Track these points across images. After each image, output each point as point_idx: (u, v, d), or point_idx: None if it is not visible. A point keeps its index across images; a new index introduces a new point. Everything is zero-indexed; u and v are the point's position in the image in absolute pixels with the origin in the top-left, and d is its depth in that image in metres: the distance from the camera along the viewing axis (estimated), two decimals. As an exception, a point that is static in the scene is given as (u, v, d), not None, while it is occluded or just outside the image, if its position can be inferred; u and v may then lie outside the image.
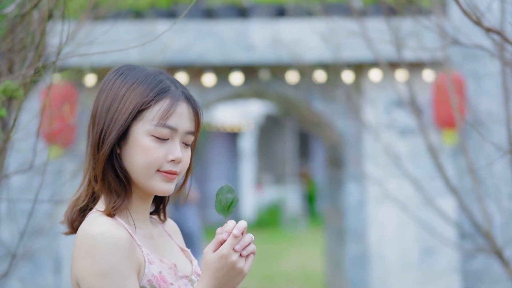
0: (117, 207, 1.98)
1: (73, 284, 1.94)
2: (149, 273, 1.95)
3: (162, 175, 2.00)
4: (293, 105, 8.53)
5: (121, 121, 1.98)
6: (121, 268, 1.88)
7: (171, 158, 2.00)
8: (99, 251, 1.87)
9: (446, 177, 5.10)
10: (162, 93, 2.00)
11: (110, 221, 1.95)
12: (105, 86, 2.04)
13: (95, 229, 1.90)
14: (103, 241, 1.88)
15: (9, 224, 5.66)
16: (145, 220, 2.07)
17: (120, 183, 2.00)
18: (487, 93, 7.52)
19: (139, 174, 1.99)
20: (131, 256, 1.91)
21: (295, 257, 13.93)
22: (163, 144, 1.99)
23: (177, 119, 2.00)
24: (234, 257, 1.91)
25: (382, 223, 7.64)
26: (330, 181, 9.40)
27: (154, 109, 1.99)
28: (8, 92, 2.83)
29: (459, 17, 6.71)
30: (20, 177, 6.90)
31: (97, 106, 2.03)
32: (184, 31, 7.46)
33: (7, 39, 3.21)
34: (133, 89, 2.00)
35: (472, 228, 6.91)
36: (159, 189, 2.01)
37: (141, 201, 2.06)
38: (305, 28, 7.49)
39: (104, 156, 1.98)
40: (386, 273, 7.61)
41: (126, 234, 1.93)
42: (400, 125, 7.65)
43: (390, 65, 6.71)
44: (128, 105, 1.99)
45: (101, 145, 1.99)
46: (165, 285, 1.96)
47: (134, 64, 2.08)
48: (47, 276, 7.52)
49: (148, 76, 2.02)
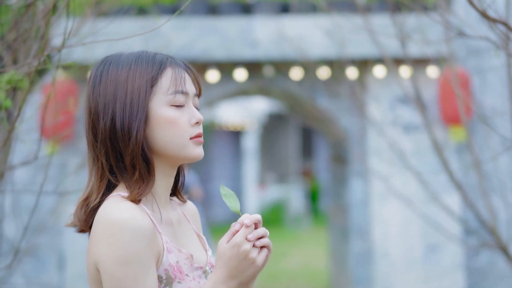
0: (142, 193, 1.95)
1: (90, 265, 1.91)
2: (167, 262, 1.92)
3: (194, 141, 2.00)
4: (297, 101, 8.52)
5: (140, 101, 1.96)
6: (143, 257, 1.85)
7: (195, 121, 2.00)
8: (122, 238, 1.84)
9: (450, 171, 5.09)
10: (162, 65, 2.00)
11: (133, 206, 1.90)
12: (96, 80, 2.00)
13: (119, 215, 1.86)
14: (126, 228, 1.84)
15: (13, 219, 5.65)
16: (166, 204, 2.04)
17: (148, 168, 1.97)
18: (492, 88, 7.51)
19: (174, 147, 1.98)
20: (152, 245, 1.88)
21: (298, 256, 13.92)
22: (182, 111, 1.99)
23: (187, 83, 2.02)
24: (247, 246, 1.88)
25: (386, 220, 7.62)
26: (334, 178, 9.39)
27: (163, 81, 1.98)
28: (12, 82, 2.82)
29: (463, 12, 6.70)
30: (23, 172, 6.90)
31: (96, 101, 1.98)
32: (187, 28, 7.45)
33: (12, 30, 3.20)
34: (133, 70, 1.98)
35: (477, 224, 6.90)
36: (195, 154, 2.01)
37: (164, 182, 2.03)
38: (309, 24, 7.48)
39: (138, 143, 1.95)
40: (391, 270, 7.60)
41: (149, 221, 1.89)
42: (404, 122, 7.63)
43: (394, 61, 6.70)
44: (138, 85, 1.97)
45: (122, 132, 1.96)
46: (181, 276, 1.94)
47: (115, 53, 2.05)
48: (50, 272, 7.51)
49: (139, 56, 2.01)
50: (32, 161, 3.24)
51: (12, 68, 2.87)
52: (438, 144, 5.24)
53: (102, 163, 1.98)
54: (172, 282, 1.93)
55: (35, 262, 7.48)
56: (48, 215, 6.82)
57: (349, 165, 8.02)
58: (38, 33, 3.23)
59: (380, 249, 7.62)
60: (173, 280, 1.93)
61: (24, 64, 2.87)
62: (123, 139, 1.96)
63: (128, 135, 1.96)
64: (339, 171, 8.83)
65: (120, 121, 1.96)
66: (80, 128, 7.36)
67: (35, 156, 3.15)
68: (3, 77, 2.81)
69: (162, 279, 1.92)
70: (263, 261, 1.92)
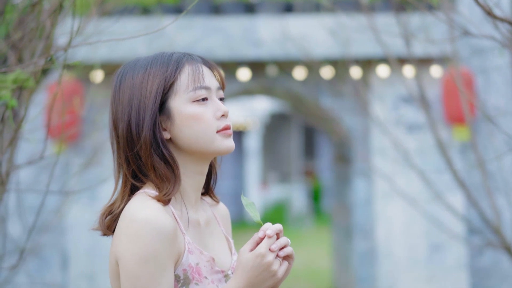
0: (169, 194, 1.96)
1: (112, 260, 1.94)
2: (186, 263, 1.93)
3: (221, 134, 2.00)
4: (301, 101, 8.51)
5: (150, 102, 1.97)
6: (161, 257, 1.86)
7: (220, 114, 2.00)
8: (142, 237, 1.85)
9: (454, 171, 5.08)
10: (180, 62, 2.00)
11: (157, 206, 1.91)
12: (116, 87, 2.02)
13: (142, 213, 1.88)
14: (148, 227, 1.86)
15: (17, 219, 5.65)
16: (195, 204, 2.05)
17: (168, 169, 1.98)
18: (495, 88, 7.50)
19: (200, 142, 1.99)
20: (173, 245, 1.89)
21: (301, 255, 13.91)
22: (206, 105, 1.99)
23: (207, 78, 2.01)
24: (270, 257, 1.89)
25: (389, 219, 7.62)
26: (337, 177, 9.38)
27: (182, 78, 1.99)
28: (18, 82, 2.82)
29: (467, 11, 6.69)
30: (26, 172, 6.90)
31: (116, 108, 2.01)
32: (191, 27, 7.45)
33: (17, 29, 3.20)
34: (148, 73, 1.99)
35: (481, 223, 6.89)
36: (225, 147, 2.02)
37: (194, 181, 2.03)
38: (313, 23, 7.47)
39: (147, 143, 1.97)
40: (394, 269, 7.59)
41: (172, 221, 1.90)
42: (408, 121, 7.63)
43: (398, 60, 6.69)
44: (150, 87, 1.98)
45: (136, 136, 1.97)
46: (199, 278, 1.94)
47: (134, 58, 2.06)
48: (54, 272, 7.51)
49: (155, 58, 2.02)
50: (38, 161, 3.24)
51: (18, 67, 2.87)
52: (442, 143, 5.24)
53: (125, 170, 2.00)
54: (190, 283, 1.93)
55: (39, 261, 7.49)
56: (52, 215, 6.82)
57: (353, 164, 8.02)
58: (43, 32, 3.22)
59: (384, 248, 7.62)
60: (191, 281, 1.93)
61: (30, 63, 2.87)
62: (138, 142, 1.97)
63: (140, 136, 1.97)
64: (343, 170, 8.82)
65: (134, 125, 1.98)
66: (85, 128, 7.36)
67: (41, 156, 3.15)
68: (8, 76, 2.81)
69: (180, 278, 1.92)
70: (283, 273, 1.92)
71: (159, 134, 1.97)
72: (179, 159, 2.01)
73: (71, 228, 7.48)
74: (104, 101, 7.21)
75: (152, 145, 1.96)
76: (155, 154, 1.97)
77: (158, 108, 1.97)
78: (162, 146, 1.97)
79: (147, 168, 1.97)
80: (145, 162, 1.97)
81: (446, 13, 4.24)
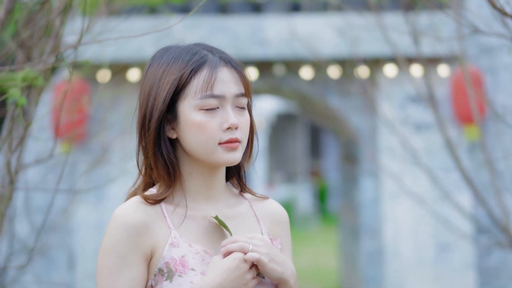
0: (160, 195, 1.98)
1: None
2: (168, 256, 1.93)
3: (223, 146, 1.96)
4: (308, 100, 8.50)
5: (160, 101, 1.96)
6: (121, 248, 1.91)
7: (226, 126, 1.95)
8: (109, 230, 1.93)
9: (463, 169, 5.06)
10: (199, 64, 1.97)
11: (133, 202, 1.97)
12: (144, 76, 2.03)
13: (117, 210, 1.96)
14: (115, 222, 1.93)
15: (24, 219, 5.65)
16: (206, 200, 2.04)
17: (167, 170, 1.98)
18: (504, 87, 7.48)
19: (201, 151, 1.97)
20: (139, 239, 1.92)
21: (307, 255, 13.90)
22: (214, 115, 1.96)
23: (220, 86, 1.96)
24: (246, 265, 1.94)
25: (397, 219, 7.60)
26: (344, 177, 9.37)
27: (194, 83, 1.96)
28: (28, 80, 2.81)
29: (476, 10, 6.67)
30: (34, 171, 6.90)
31: (140, 98, 2.02)
32: (198, 26, 7.44)
33: (26, 27, 3.19)
34: (169, 68, 1.97)
35: (489, 222, 6.87)
36: (224, 160, 1.97)
37: (201, 182, 2.02)
38: (320, 22, 7.46)
39: (151, 140, 1.97)
40: (401, 269, 7.57)
41: (143, 217, 1.94)
42: (416, 121, 7.61)
43: (406, 59, 6.67)
44: (165, 84, 1.96)
45: (145, 130, 1.98)
46: (182, 269, 1.94)
47: (170, 45, 2.05)
48: (61, 271, 7.51)
49: (182, 52, 1.99)
50: (47, 160, 3.23)
51: (27, 65, 2.86)
52: (450, 142, 5.22)
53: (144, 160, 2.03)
54: (173, 275, 1.94)
55: (46, 261, 7.49)
56: (59, 215, 6.82)
57: (360, 164, 8.00)
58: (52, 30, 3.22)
59: (391, 248, 7.60)
60: (174, 273, 1.94)
61: (39, 61, 2.87)
62: (143, 135, 1.99)
63: (147, 131, 1.98)
64: (350, 170, 8.81)
65: (147, 119, 1.99)
66: (92, 127, 7.36)
67: (50, 155, 3.14)
68: (18, 75, 2.80)
69: (164, 272, 1.94)
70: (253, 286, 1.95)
71: (163, 133, 1.98)
72: (186, 159, 2.01)
73: (78, 228, 7.48)
74: (111, 101, 7.21)
75: (155, 143, 1.97)
76: (158, 152, 1.97)
77: (167, 107, 1.97)
78: (165, 146, 1.98)
79: (151, 164, 2.00)
80: (150, 158, 1.99)
81: (455, 10, 4.23)
